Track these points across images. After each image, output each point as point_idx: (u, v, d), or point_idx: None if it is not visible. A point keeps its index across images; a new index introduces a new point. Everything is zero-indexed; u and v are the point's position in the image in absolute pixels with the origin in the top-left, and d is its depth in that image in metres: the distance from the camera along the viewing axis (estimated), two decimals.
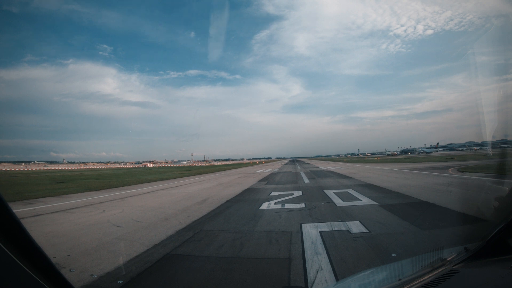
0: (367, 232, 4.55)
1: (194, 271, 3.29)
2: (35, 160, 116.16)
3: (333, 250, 3.74)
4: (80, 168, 76.00)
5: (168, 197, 10.11)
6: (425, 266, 1.61)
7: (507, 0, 7.50)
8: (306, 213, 6.28)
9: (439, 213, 5.68)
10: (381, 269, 1.90)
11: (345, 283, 2.13)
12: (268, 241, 4.34)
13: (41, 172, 46.72)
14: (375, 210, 6.30)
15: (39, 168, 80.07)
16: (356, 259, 3.42)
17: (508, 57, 4.08)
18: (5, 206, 0.90)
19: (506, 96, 3.65)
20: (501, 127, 3.45)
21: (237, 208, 7.40)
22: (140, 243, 4.36)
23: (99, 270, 3.29)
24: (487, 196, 5.46)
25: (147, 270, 3.29)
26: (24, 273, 0.92)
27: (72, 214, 6.95)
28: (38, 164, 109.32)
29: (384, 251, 3.66)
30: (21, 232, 0.95)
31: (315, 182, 13.89)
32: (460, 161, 25.70)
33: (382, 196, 8.09)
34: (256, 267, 3.33)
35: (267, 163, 79.00)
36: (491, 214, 2.99)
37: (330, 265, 3.23)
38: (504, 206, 2.21)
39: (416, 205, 6.61)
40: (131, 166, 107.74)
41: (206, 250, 4.03)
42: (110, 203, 8.72)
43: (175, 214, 6.65)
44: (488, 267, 1.56)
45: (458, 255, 1.71)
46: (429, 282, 1.37)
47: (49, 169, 66.13)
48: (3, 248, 0.86)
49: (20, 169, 64.86)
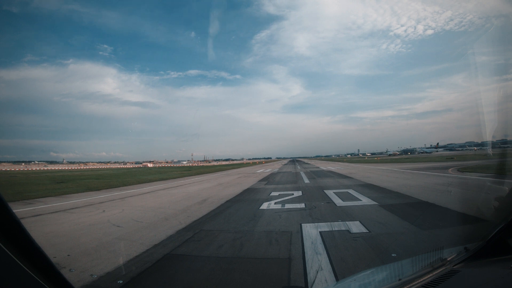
0: (367, 232, 4.55)
1: (194, 271, 3.29)
2: (35, 160, 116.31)
3: (333, 250, 3.74)
4: (80, 168, 76.00)
5: (168, 197, 10.11)
6: (425, 266, 1.61)
7: (507, 0, 7.51)
8: (306, 213, 6.28)
9: (439, 213, 5.68)
10: (381, 269, 1.90)
11: (345, 283, 2.13)
12: (268, 241, 4.34)
13: (41, 172, 46.73)
14: (375, 210, 6.30)
15: (39, 168, 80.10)
16: (356, 259, 3.42)
17: (508, 57, 4.08)
18: (5, 206, 0.90)
19: (506, 96, 3.66)
20: (501, 127, 3.45)
21: (237, 208, 7.40)
22: (140, 243, 4.36)
23: (99, 270, 3.29)
24: (487, 196, 5.46)
25: (147, 270, 3.29)
26: (24, 273, 0.92)
27: (72, 214, 6.95)
28: (38, 164, 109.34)
29: (384, 251, 3.66)
30: (21, 232, 0.95)
31: (315, 182, 13.89)
32: (460, 161, 25.69)
33: (382, 196, 8.09)
34: (256, 267, 3.33)
35: (267, 163, 78.99)
36: (491, 214, 2.99)
37: (330, 265, 3.23)
38: (504, 206, 2.21)
39: (416, 205, 6.61)
40: (131, 166, 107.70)
41: (206, 250, 4.03)
42: (110, 203, 8.72)
43: (175, 214, 6.65)
44: (488, 267, 1.56)
45: (458, 255, 1.71)
46: (429, 282, 1.37)
47: (49, 169, 66.15)
48: (3, 248, 0.86)
49: (20, 169, 64.87)
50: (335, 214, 5.99)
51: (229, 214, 6.63)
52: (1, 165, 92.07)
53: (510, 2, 6.50)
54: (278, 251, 3.84)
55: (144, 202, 9.04)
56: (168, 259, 3.69)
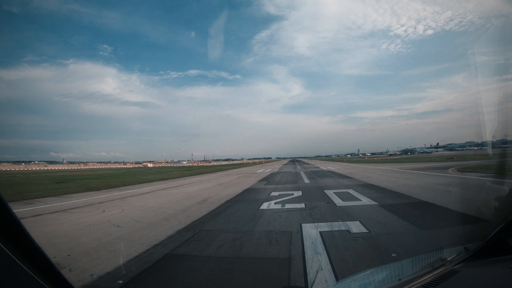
0: (367, 232, 4.55)
1: (194, 271, 3.29)
2: (35, 160, 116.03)
3: (333, 250, 3.74)
4: (80, 168, 75.99)
5: (168, 197, 10.11)
6: (425, 266, 1.61)
7: (507, 0, 7.50)
8: (306, 213, 6.28)
9: (439, 213, 5.68)
10: (381, 269, 1.90)
11: (345, 283, 2.13)
12: (268, 241, 4.34)
13: (40, 172, 46.74)
14: (375, 210, 6.29)
15: (39, 168, 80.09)
16: (356, 259, 3.42)
17: (508, 57, 4.08)
18: (5, 206, 0.90)
19: (506, 96, 3.65)
20: (501, 127, 3.45)
21: (237, 208, 7.40)
22: (140, 243, 4.36)
23: (99, 270, 3.29)
24: (487, 196, 5.46)
25: (147, 270, 3.29)
26: (24, 273, 0.92)
27: (72, 214, 6.95)
28: (38, 164, 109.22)
29: (384, 251, 3.66)
30: (21, 232, 0.95)
31: (315, 182, 13.88)
32: (460, 161, 25.68)
33: (382, 196, 8.09)
34: (256, 267, 3.33)
35: (267, 163, 78.97)
36: (491, 214, 2.99)
37: (330, 265, 3.23)
38: (504, 206, 2.21)
39: (416, 205, 6.61)
40: (131, 166, 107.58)
41: (206, 250, 4.03)
42: (110, 203, 8.72)
43: (175, 214, 6.65)
44: (488, 267, 1.56)
45: (458, 255, 1.71)
46: (429, 282, 1.37)
47: (49, 169, 66.13)
48: (3, 248, 0.86)
49: (20, 169, 64.86)
50: (335, 214, 5.98)
51: (229, 214, 6.63)
52: (1, 165, 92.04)
53: (510, 2, 6.50)
54: (278, 251, 3.84)
55: (144, 202, 9.04)
56: (168, 259, 3.69)
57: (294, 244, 4.09)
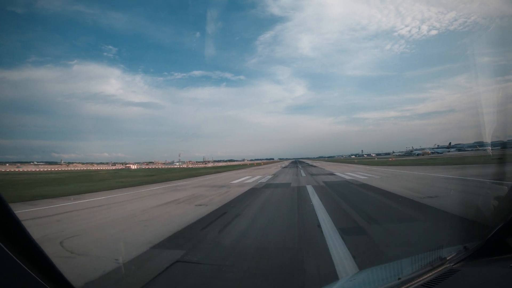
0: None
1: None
2: (34, 161, 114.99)
3: None
4: (62, 170, 65.38)
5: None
6: (425, 265, 1.61)
7: (510, 1, 7.48)
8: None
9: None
10: (380, 268, 1.89)
11: (345, 282, 2.13)
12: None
13: (33, 173, 42.72)
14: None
15: (35, 169, 73.70)
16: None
17: (511, 57, 4.07)
18: (5, 206, 0.90)
19: (508, 97, 3.63)
20: (504, 128, 3.40)
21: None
22: None
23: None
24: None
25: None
26: (24, 273, 0.92)
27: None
28: (38, 165, 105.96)
29: None
30: (21, 232, 0.96)
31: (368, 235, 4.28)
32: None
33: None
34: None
35: (268, 164, 76.47)
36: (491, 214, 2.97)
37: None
38: (503, 206, 2.21)
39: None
40: (100, 168, 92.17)
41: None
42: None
43: None
44: (487, 267, 1.56)
45: (457, 254, 1.71)
46: (428, 281, 1.37)
47: (41, 171, 59.40)
48: (3, 248, 0.86)
49: (20, 170, 64.10)
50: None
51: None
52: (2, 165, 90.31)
53: None
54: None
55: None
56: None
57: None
